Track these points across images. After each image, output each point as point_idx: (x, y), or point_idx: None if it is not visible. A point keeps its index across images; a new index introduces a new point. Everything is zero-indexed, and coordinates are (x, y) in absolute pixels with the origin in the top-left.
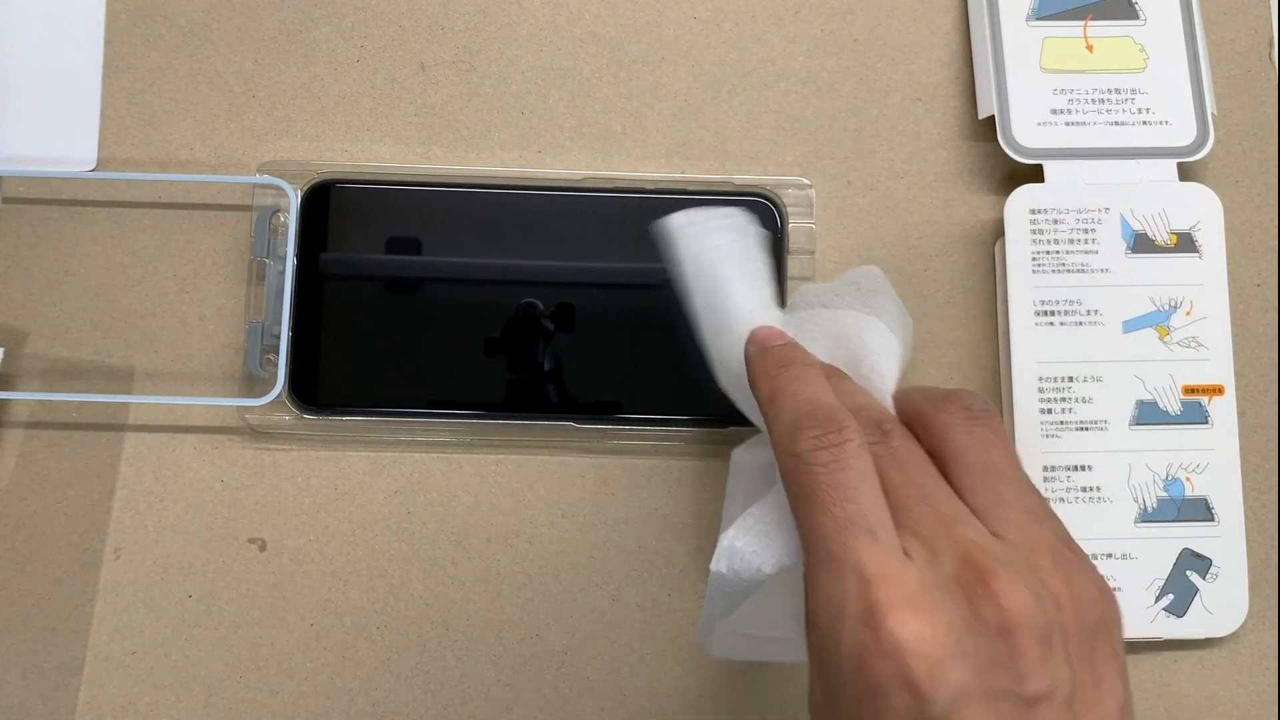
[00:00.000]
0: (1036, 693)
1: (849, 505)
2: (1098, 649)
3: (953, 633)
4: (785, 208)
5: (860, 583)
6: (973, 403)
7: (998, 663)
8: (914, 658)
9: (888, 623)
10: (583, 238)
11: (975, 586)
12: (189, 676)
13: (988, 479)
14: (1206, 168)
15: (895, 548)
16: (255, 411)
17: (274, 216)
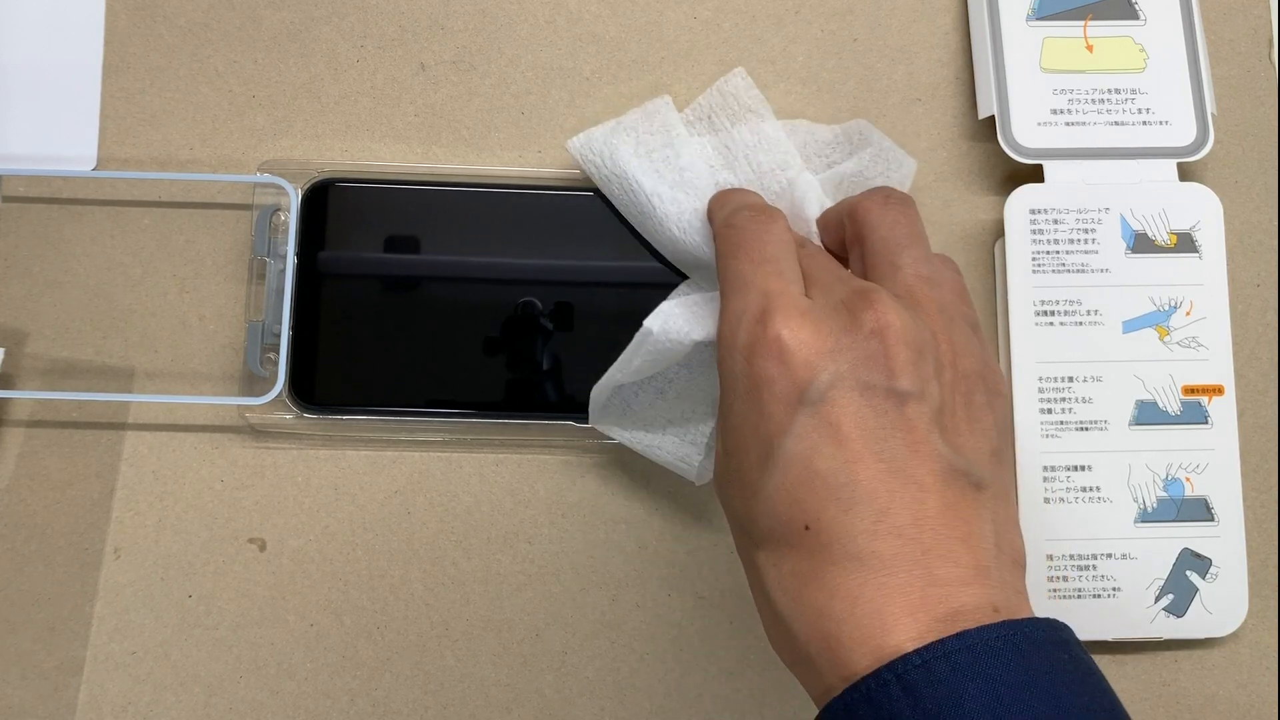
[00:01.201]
0: (905, 389)
1: (766, 252)
2: (974, 395)
3: (832, 334)
4: None
5: (761, 296)
6: (892, 191)
7: (871, 359)
8: (794, 351)
9: (775, 322)
10: (581, 237)
11: (858, 303)
12: (189, 676)
13: (887, 250)
14: (1206, 168)
15: (798, 284)
16: (255, 410)
17: (274, 215)
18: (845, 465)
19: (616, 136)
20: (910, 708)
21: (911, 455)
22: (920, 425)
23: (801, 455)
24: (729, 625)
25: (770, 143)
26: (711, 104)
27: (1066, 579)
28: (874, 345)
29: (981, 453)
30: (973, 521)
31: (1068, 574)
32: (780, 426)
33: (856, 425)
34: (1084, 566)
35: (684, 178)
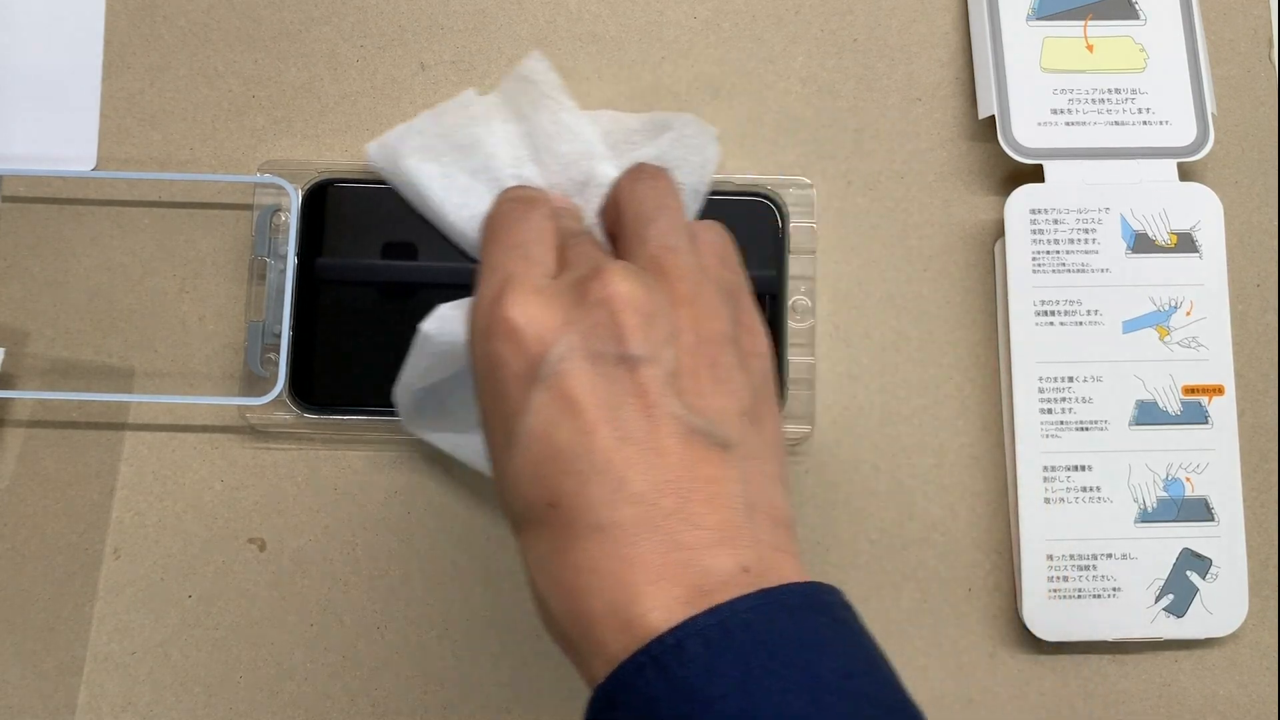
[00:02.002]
0: (636, 355)
1: (516, 237)
2: (721, 357)
3: (562, 309)
4: (786, 207)
5: (501, 280)
6: (645, 167)
7: (599, 328)
8: (524, 329)
9: (506, 302)
10: None
11: (589, 279)
12: (189, 676)
13: (635, 224)
14: (1206, 168)
15: (543, 266)
16: (255, 410)
17: (275, 215)
18: (581, 437)
19: (405, 141)
20: (666, 689)
21: (646, 420)
22: (654, 389)
23: (539, 431)
24: None
25: (571, 131)
26: (513, 90)
27: (1066, 579)
28: (601, 314)
29: (728, 412)
30: (718, 482)
31: (1068, 574)
32: (518, 406)
33: (590, 395)
34: (1084, 566)
35: (483, 174)
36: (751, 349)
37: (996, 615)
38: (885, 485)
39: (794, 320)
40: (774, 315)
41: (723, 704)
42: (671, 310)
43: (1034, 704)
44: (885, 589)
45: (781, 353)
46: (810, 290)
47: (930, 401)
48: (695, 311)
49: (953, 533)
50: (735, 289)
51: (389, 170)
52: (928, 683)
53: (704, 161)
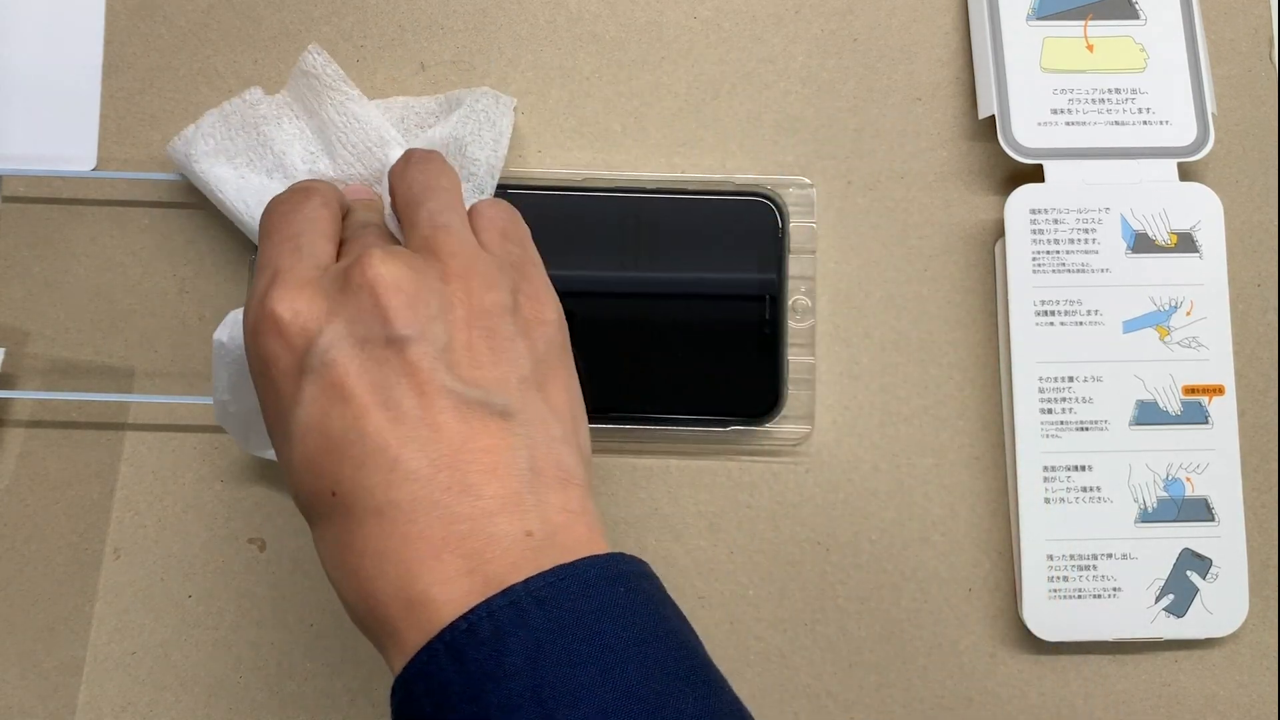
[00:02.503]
0: (403, 335)
1: (288, 230)
2: (496, 326)
3: (328, 301)
4: (786, 207)
5: (270, 275)
6: (414, 153)
7: (365, 314)
8: (289, 322)
9: (272, 297)
10: (584, 239)
11: (351, 267)
12: (189, 676)
13: (407, 209)
14: (1206, 168)
15: (314, 258)
16: None
17: None
18: (354, 422)
19: (195, 144)
20: (457, 674)
21: (419, 398)
22: (424, 366)
23: (313, 422)
24: (728, 625)
25: (359, 121)
26: (298, 87)
27: (1066, 579)
28: (365, 299)
29: (507, 380)
30: (497, 451)
31: (1068, 574)
32: (291, 400)
33: (360, 379)
34: (1084, 566)
35: (278, 172)
36: (535, 316)
37: (996, 615)
38: (885, 485)
39: (794, 320)
40: (774, 315)
41: (511, 682)
42: (442, 286)
43: (1034, 704)
44: (885, 589)
45: (781, 352)
46: (810, 290)
47: (930, 401)
48: (468, 285)
49: (953, 533)
50: (519, 261)
51: (186, 172)
52: (928, 683)
53: (498, 135)
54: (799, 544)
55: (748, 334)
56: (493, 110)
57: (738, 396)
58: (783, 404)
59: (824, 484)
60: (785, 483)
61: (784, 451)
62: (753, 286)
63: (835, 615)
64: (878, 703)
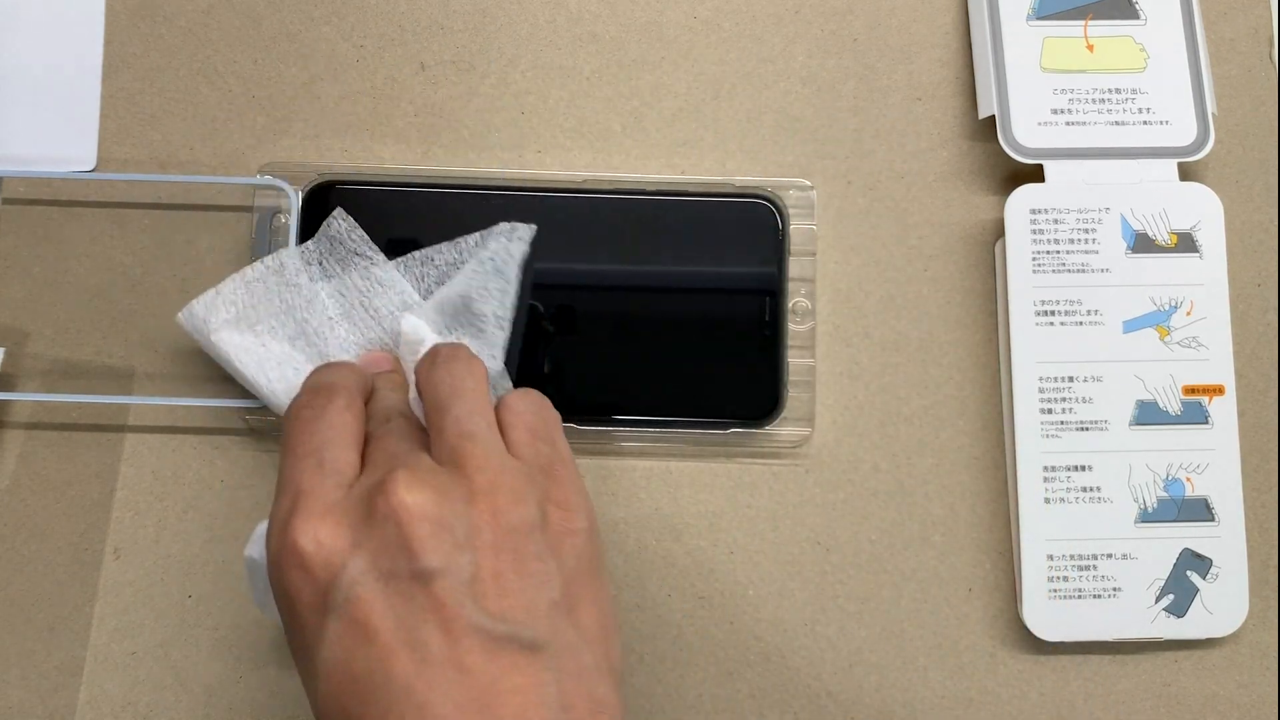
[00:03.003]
0: (429, 569)
1: (310, 444)
2: (524, 546)
3: (351, 531)
4: (786, 209)
5: (291, 498)
6: (440, 350)
7: (390, 546)
8: (313, 555)
9: (294, 527)
10: (584, 239)
11: (375, 492)
12: (189, 676)
13: (434, 415)
14: (1206, 168)
15: (338, 475)
16: (254, 412)
17: (275, 217)
18: (379, 664)
19: (215, 313)
20: None
21: (445, 636)
22: (450, 601)
23: (338, 662)
24: (729, 625)
25: (383, 284)
26: (320, 250)
27: (1066, 579)
28: (390, 530)
29: (536, 608)
30: (528, 690)
31: (1068, 574)
32: (314, 637)
33: (385, 618)
34: (1084, 566)
35: (300, 339)
36: (563, 528)
37: (996, 615)
38: (885, 485)
39: (794, 322)
40: (774, 317)
41: None
42: (468, 508)
43: (1034, 704)
44: (885, 589)
45: (781, 355)
46: (810, 292)
47: (930, 402)
48: (494, 503)
49: (953, 533)
50: (549, 462)
51: (201, 341)
52: (928, 683)
53: (504, 284)
54: (799, 544)
55: (748, 336)
56: (501, 257)
57: (738, 398)
58: (783, 406)
59: (824, 484)
60: (785, 483)
61: (784, 453)
62: (753, 288)
63: (835, 615)
64: (878, 703)
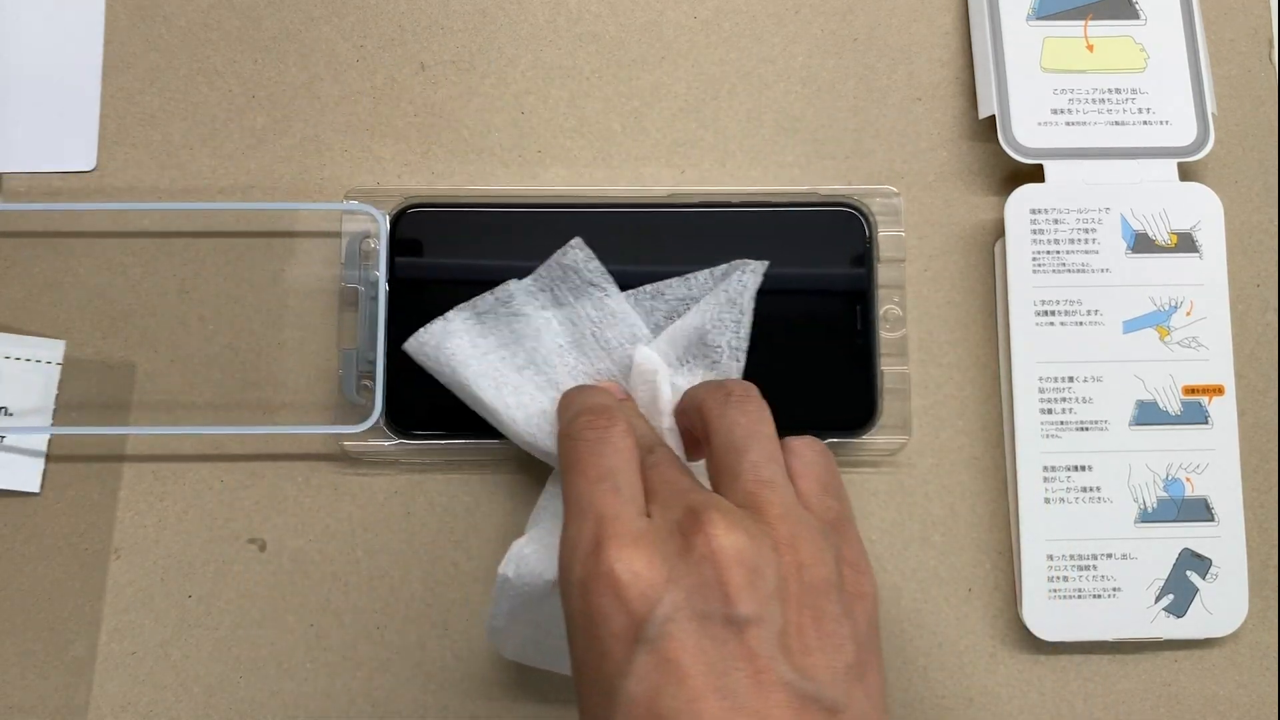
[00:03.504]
0: (744, 616)
1: (602, 467)
2: (826, 605)
3: (666, 563)
4: (873, 217)
5: (595, 522)
6: (733, 388)
7: (706, 587)
8: (628, 585)
9: (608, 554)
10: (673, 254)
11: (691, 526)
12: (189, 676)
13: (726, 455)
14: (1206, 168)
15: (635, 502)
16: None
17: (364, 241)
18: (687, 705)
19: (449, 341)
20: None
21: (755, 687)
22: (763, 652)
23: (643, 698)
24: None
25: (615, 316)
26: (552, 276)
27: (1066, 579)
28: (707, 571)
29: (836, 671)
30: None
31: (1068, 574)
32: (619, 667)
33: (696, 660)
34: (1084, 566)
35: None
36: (856, 590)
37: (996, 615)
38: (885, 485)
39: (886, 330)
40: (865, 325)
41: None
42: (776, 558)
43: (1034, 704)
44: (885, 589)
45: (875, 363)
46: (902, 300)
47: (930, 402)
48: (798, 557)
49: (953, 533)
50: (838, 519)
51: (434, 369)
52: (928, 683)
53: (738, 315)
54: None
55: (838, 344)
56: (734, 290)
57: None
58: (879, 413)
59: None
60: None
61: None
62: (842, 295)
63: None
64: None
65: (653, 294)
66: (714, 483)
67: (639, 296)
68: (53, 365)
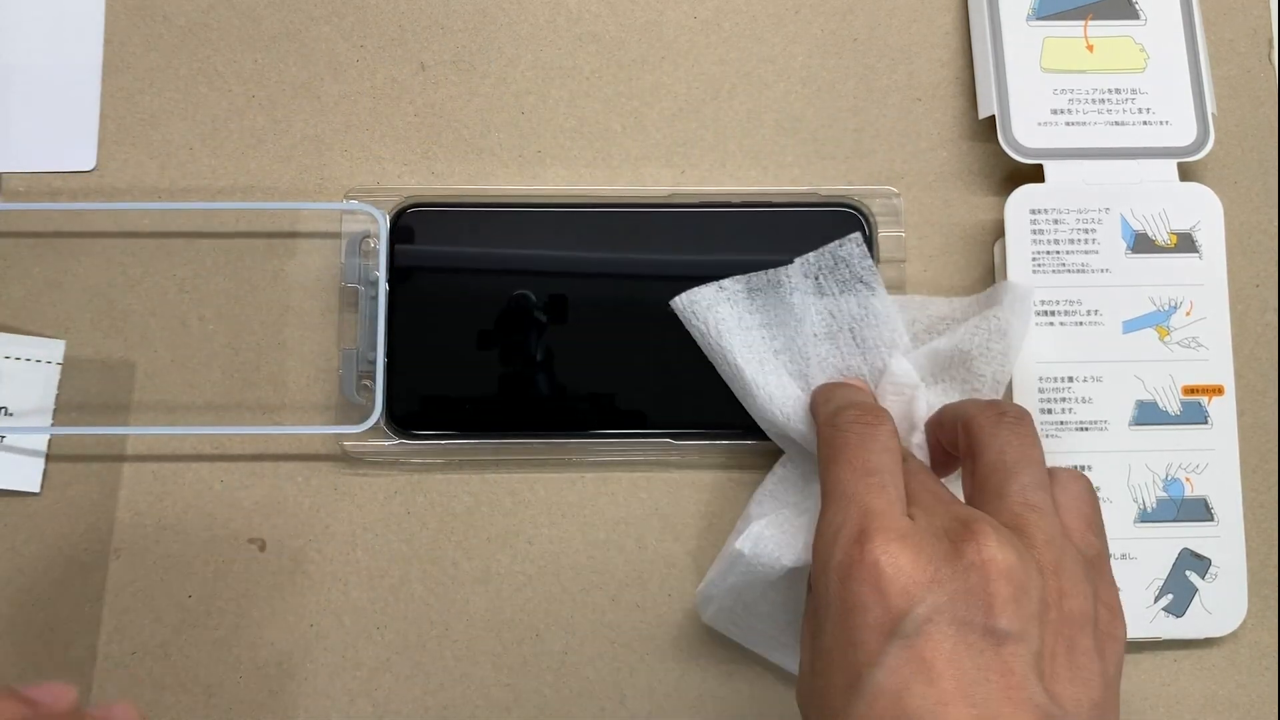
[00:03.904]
0: (1005, 630)
1: (870, 462)
2: (1079, 639)
3: (932, 563)
4: (874, 217)
5: (860, 513)
6: (1007, 409)
7: (971, 594)
8: (892, 579)
9: (873, 545)
10: (672, 253)
11: (961, 533)
12: (189, 676)
13: (995, 475)
14: (1206, 168)
15: (901, 503)
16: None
17: (364, 241)
18: (935, 707)
19: (719, 308)
20: None
21: (1005, 702)
22: (1018, 669)
23: (891, 690)
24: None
25: (878, 317)
26: (821, 265)
27: None
28: (974, 579)
29: (1081, 704)
30: None
31: None
32: (870, 657)
33: (950, 664)
34: None
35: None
36: (1109, 632)
37: None
38: None
39: None
40: None
41: None
42: (1040, 581)
43: None
44: None
45: None
46: None
47: None
48: (1060, 585)
49: None
50: (1096, 557)
51: (700, 331)
52: None
53: (1007, 348)
54: None
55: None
56: (1007, 319)
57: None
58: None
59: None
60: None
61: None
62: None
63: None
64: None
65: (920, 305)
66: (975, 501)
67: (905, 304)
68: (53, 365)
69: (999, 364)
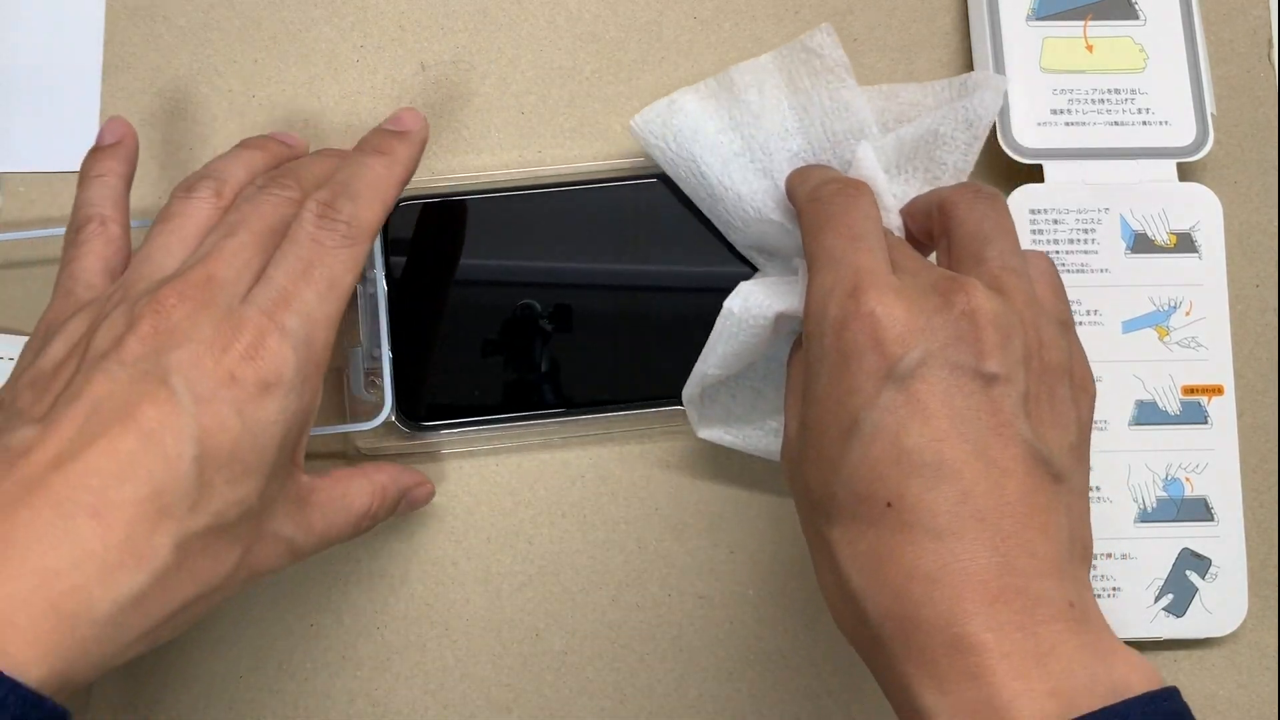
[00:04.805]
0: (993, 372)
1: (855, 228)
2: (1058, 388)
3: (924, 313)
4: None
5: (853, 271)
6: (982, 187)
7: (961, 339)
8: (887, 327)
9: (869, 297)
10: (654, 226)
11: (949, 287)
12: (189, 676)
13: (973, 243)
14: (1206, 168)
15: (888, 263)
16: None
17: None
18: (932, 443)
19: (677, 117)
20: None
21: (995, 438)
22: (1006, 408)
23: (888, 429)
24: (729, 625)
25: (847, 109)
26: (794, 58)
27: None
28: (964, 326)
29: (1062, 444)
30: (1050, 512)
31: None
32: (867, 400)
33: (944, 404)
34: None
35: (755, 149)
36: (1082, 384)
37: None
38: None
39: None
40: None
41: None
42: (1022, 330)
43: None
44: None
45: None
46: None
47: None
48: (1040, 337)
49: None
50: (1066, 321)
51: (660, 147)
52: None
53: (972, 138)
54: (799, 544)
55: None
56: (974, 110)
57: None
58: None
59: None
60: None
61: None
62: None
63: None
64: (878, 702)
65: (887, 95)
66: (954, 268)
67: (872, 95)
68: None
69: (962, 154)
